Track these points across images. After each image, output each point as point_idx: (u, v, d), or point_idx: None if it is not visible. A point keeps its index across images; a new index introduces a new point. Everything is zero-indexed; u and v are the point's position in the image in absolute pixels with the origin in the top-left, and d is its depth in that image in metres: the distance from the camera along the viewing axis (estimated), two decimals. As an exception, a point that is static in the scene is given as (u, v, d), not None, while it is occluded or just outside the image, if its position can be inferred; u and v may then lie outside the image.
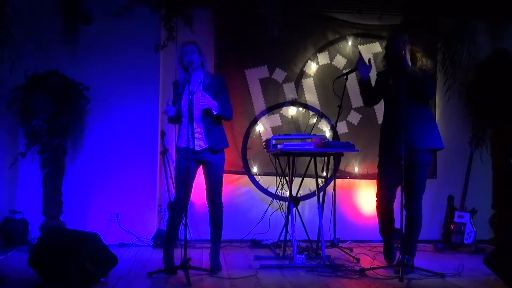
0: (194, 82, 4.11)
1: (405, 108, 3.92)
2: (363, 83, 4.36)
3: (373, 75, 4.46)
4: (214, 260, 4.21)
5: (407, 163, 3.94)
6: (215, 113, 4.04)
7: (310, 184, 5.43)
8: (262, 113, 5.59)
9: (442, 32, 5.64)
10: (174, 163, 4.31)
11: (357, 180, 5.70)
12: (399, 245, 4.20)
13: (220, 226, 4.26)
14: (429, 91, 4.21)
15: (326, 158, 4.85)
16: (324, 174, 5.04)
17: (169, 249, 4.14)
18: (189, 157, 3.95)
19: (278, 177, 5.30)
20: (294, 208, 4.65)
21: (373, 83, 4.41)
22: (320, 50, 5.67)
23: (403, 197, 3.97)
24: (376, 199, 4.34)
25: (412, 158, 4.03)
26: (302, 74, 5.65)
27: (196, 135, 4.06)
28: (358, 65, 4.39)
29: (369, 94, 4.39)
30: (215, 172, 4.17)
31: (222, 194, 4.25)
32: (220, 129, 4.21)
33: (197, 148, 4.07)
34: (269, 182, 5.53)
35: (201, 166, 4.20)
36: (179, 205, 4.12)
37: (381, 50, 5.70)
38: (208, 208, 4.27)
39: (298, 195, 5.01)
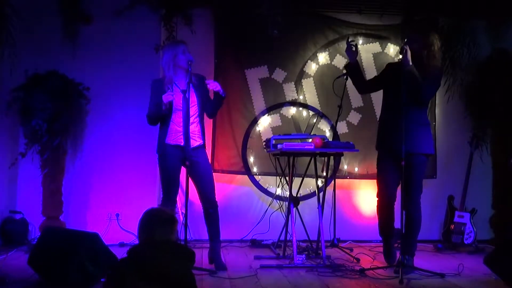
0: (181, 82, 4.12)
1: (403, 107, 3.91)
2: (350, 66, 4.41)
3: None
4: (217, 260, 4.22)
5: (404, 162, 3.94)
6: (223, 95, 4.13)
7: (310, 184, 5.44)
8: (262, 113, 5.59)
9: (442, 32, 5.63)
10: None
11: (357, 180, 5.70)
12: (399, 246, 4.20)
13: (218, 225, 4.27)
14: (422, 94, 4.09)
15: (326, 158, 4.85)
16: (324, 174, 5.04)
17: None
18: (180, 156, 4.01)
19: (278, 177, 5.30)
20: (294, 208, 4.66)
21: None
22: (320, 50, 5.67)
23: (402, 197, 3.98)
24: (377, 198, 4.34)
25: (408, 159, 4.00)
26: (302, 74, 5.65)
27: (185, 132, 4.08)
28: (346, 51, 4.41)
29: (359, 79, 4.45)
30: (207, 171, 4.20)
31: (223, 194, 4.27)
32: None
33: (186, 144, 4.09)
34: (269, 182, 5.53)
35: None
36: (171, 205, 4.18)
37: (381, 50, 5.71)
38: (203, 209, 4.27)
39: (298, 195, 5.02)
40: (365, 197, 5.70)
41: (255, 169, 5.55)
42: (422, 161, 4.17)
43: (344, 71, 5.02)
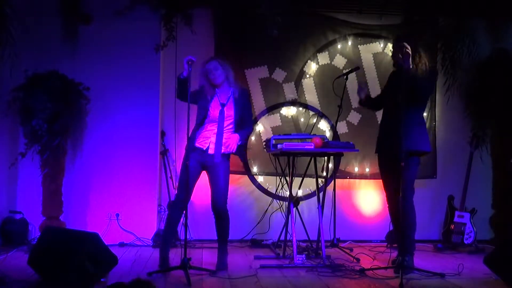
0: (223, 94, 4.25)
1: (400, 110, 3.89)
2: (363, 101, 4.50)
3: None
4: (218, 260, 4.25)
5: (397, 162, 3.95)
6: (240, 143, 4.28)
7: (310, 184, 5.44)
8: (262, 113, 5.59)
9: (442, 32, 5.63)
10: (175, 162, 4.35)
11: (357, 180, 5.70)
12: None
13: (225, 232, 4.31)
14: (418, 96, 4.11)
15: (326, 158, 4.85)
16: (324, 174, 5.04)
17: (167, 248, 4.19)
18: (199, 159, 4.15)
19: (278, 177, 5.30)
20: (294, 208, 4.66)
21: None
22: (320, 50, 5.67)
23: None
24: (387, 205, 4.35)
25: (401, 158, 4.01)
26: (302, 74, 5.65)
27: (215, 140, 4.19)
28: (358, 92, 4.53)
29: (373, 104, 4.56)
30: (223, 177, 4.25)
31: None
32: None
33: (210, 151, 4.19)
34: (269, 182, 5.53)
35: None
36: (181, 204, 4.17)
37: (381, 50, 5.71)
38: (213, 214, 4.29)
39: (298, 195, 5.02)
40: (365, 197, 5.70)
41: (255, 169, 5.55)
42: (415, 161, 4.17)
43: (344, 71, 5.04)
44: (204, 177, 4.31)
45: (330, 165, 5.08)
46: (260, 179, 5.56)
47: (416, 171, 4.22)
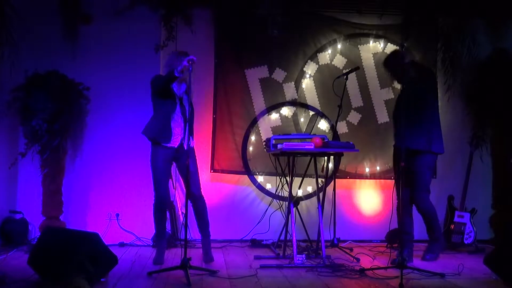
0: (181, 88, 4.36)
1: (403, 116, 4.03)
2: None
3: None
4: (205, 253, 4.40)
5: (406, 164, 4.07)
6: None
7: (310, 184, 5.44)
8: (262, 113, 5.59)
9: (442, 32, 5.64)
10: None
11: (357, 180, 5.70)
12: (398, 246, 4.20)
13: (206, 220, 4.47)
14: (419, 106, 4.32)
15: (326, 158, 4.85)
16: (324, 174, 5.04)
17: (164, 244, 4.44)
18: (172, 156, 4.30)
19: (278, 177, 5.30)
20: (294, 208, 4.65)
21: None
22: (320, 50, 5.67)
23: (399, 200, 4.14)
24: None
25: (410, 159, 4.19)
26: (302, 74, 5.65)
27: (185, 134, 4.33)
28: None
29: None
30: (193, 165, 4.38)
31: (223, 194, 4.34)
32: None
33: (185, 147, 4.28)
34: (269, 182, 5.54)
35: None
36: (167, 204, 4.43)
37: (381, 50, 5.71)
38: (192, 204, 4.44)
39: (298, 195, 5.01)
40: (365, 197, 5.70)
41: (255, 169, 5.54)
42: (424, 162, 4.34)
43: (344, 71, 5.04)
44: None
45: (330, 165, 5.07)
46: (260, 179, 5.56)
47: (427, 173, 4.50)
